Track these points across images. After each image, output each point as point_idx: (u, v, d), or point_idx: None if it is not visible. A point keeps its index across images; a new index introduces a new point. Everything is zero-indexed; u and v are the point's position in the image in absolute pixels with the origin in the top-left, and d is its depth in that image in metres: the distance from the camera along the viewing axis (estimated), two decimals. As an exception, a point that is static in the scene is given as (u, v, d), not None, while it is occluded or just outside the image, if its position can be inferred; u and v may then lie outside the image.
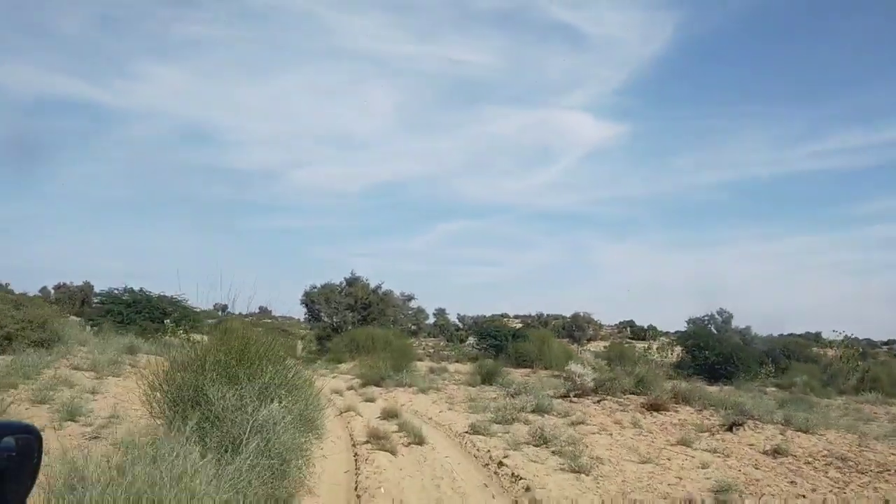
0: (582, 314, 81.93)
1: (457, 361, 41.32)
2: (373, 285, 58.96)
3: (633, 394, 18.34)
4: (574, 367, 18.84)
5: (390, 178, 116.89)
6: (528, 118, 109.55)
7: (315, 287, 59.33)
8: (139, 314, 39.89)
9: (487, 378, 24.71)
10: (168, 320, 28.78)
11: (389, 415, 14.68)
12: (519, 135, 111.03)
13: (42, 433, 2.16)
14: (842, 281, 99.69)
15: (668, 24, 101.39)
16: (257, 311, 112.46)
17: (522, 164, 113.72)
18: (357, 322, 55.68)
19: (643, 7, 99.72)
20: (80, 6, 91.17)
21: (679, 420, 14.94)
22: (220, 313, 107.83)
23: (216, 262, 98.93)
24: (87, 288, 73.06)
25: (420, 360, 39.46)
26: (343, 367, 36.28)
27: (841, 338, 39.47)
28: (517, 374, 34.95)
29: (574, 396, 18.11)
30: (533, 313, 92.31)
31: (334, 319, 58.88)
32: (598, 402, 17.31)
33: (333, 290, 59.16)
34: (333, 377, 30.74)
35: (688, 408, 16.59)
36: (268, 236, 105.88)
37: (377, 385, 22.64)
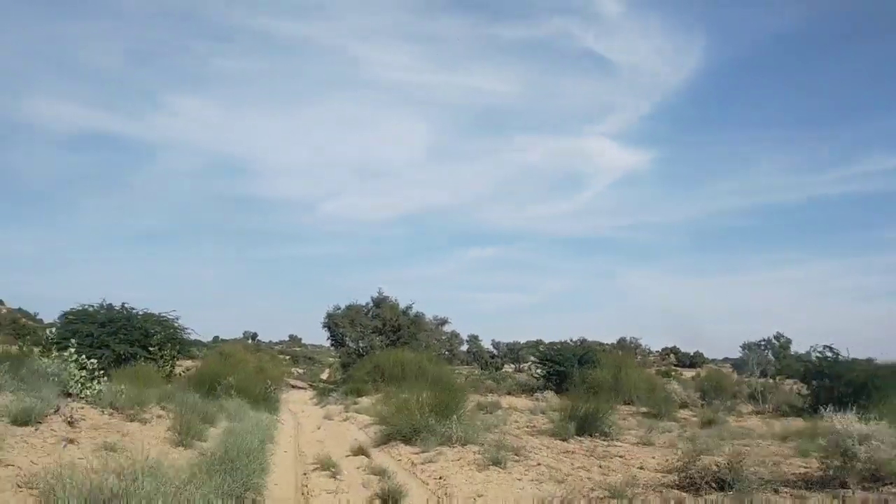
0: (628, 339, 70.44)
1: (508, 393, 30.46)
2: (402, 306, 48.38)
3: None
4: (851, 422, 7.97)
5: (417, 206, 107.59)
6: (556, 145, 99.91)
7: (339, 308, 48.50)
8: (114, 335, 29.61)
9: (585, 425, 13.97)
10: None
11: None
12: (547, 162, 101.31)
13: None
14: (868, 305, 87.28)
15: (697, 51, 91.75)
16: (287, 339, 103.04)
17: (550, 190, 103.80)
18: (385, 347, 45.19)
19: (671, 35, 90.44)
20: (116, 42, 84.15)
21: None
22: (249, 341, 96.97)
23: (246, 291, 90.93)
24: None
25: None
26: (364, 401, 25.60)
27: None
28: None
29: (857, 484, 7.32)
30: (573, 339, 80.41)
31: (360, 344, 48.16)
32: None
33: (359, 312, 48.35)
34: (345, 419, 20.04)
35: None
36: (296, 265, 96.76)
37: (407, 441, 11.97)
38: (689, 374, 78.29)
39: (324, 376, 59.88)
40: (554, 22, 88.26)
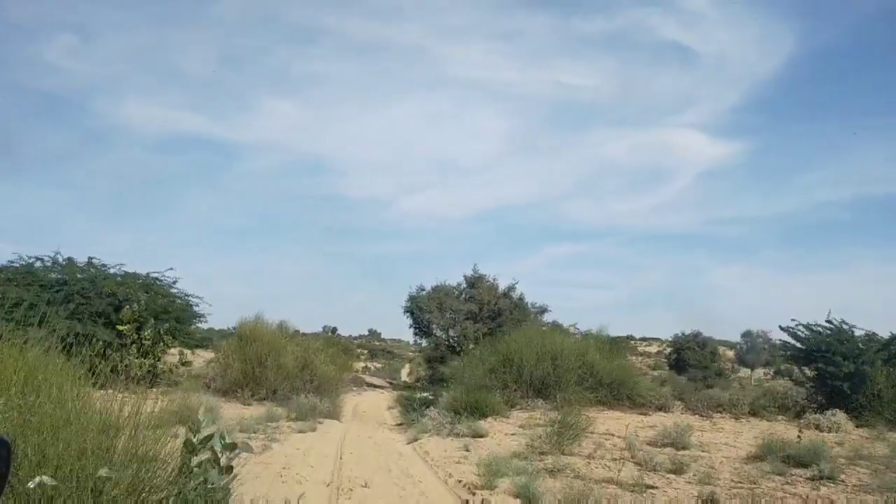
0: (755, 332, 53.34)
1: (715, 413, 14.94)
2: (502, 287, 33.80)
3: None
4: None
5: (497, 202, 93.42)
6: (639, 139, 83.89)
7: (423, 290, 34.02)
8: (64, 305, 15.90)
9: None
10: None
11: None
12: (629, 156, 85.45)
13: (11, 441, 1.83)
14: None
15: (788, 37, 74.45)
16: (366, 333, 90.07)
17: (633, 185, 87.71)
18: (482, 336, 30.74)
19: (759, 22, 73.59)
20: (204, 46, 75.57)
21: None
22: (329, 335, 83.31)
23: (328, 287, 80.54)
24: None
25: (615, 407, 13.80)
26: (492, 430, 11.07)
27: None
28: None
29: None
30: (679, 334, 63.34)
31: (450, 333, 33.77)
32: None
33: (449, 294, 33.79)
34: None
35: None
36: (376, 261, 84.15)
37: None
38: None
39: (404, 373, 45.93)
40: (633, 13, 73.37)
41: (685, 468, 8.20)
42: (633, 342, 66.51)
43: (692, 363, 44.10)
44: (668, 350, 54.09)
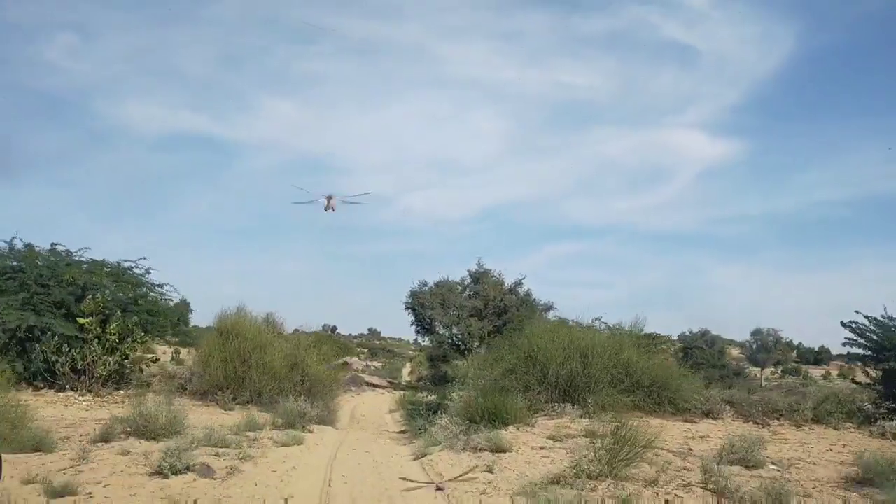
0: (766, 331, 50.89)
1: (772, 419, 12.75)
2: (509, 282, 32.05)
3: None
4: None
5: (497, 201, 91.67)
6: (639, 138, 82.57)
7: (426, 285, 32.05)
8: (16, 295, 13.78)
9: None
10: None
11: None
12: (629, 155, 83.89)
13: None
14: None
15: (789, 37, 73.11)
16: (366, 332, 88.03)
17: (633, 184, 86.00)
18: (489, 335, 29.08)
19: (760, 22, 72.25)
20: (205, 47, 74.45)
21: None
22: (329, 333, 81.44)
23: (328, 286, 79.25)
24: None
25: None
26: (516, 442, 9.02)
27: None
28: None
29: None
30: (686, 332, 60.10)
31: (454, 331, 31.91)
32: None
33: (452, 290, 31.88)
34: None
35: None
36: (376, 260, 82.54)
37: None
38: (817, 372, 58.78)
39: (405, 372, 43.85)
40: (633, 11, 71.82)
41: (784, 501, 6.10)
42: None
43: (701, 362, 42.12)
44: (674, 349, 52.06)
